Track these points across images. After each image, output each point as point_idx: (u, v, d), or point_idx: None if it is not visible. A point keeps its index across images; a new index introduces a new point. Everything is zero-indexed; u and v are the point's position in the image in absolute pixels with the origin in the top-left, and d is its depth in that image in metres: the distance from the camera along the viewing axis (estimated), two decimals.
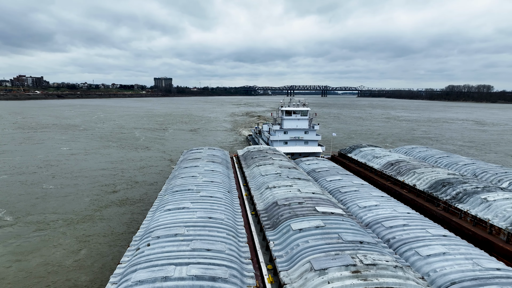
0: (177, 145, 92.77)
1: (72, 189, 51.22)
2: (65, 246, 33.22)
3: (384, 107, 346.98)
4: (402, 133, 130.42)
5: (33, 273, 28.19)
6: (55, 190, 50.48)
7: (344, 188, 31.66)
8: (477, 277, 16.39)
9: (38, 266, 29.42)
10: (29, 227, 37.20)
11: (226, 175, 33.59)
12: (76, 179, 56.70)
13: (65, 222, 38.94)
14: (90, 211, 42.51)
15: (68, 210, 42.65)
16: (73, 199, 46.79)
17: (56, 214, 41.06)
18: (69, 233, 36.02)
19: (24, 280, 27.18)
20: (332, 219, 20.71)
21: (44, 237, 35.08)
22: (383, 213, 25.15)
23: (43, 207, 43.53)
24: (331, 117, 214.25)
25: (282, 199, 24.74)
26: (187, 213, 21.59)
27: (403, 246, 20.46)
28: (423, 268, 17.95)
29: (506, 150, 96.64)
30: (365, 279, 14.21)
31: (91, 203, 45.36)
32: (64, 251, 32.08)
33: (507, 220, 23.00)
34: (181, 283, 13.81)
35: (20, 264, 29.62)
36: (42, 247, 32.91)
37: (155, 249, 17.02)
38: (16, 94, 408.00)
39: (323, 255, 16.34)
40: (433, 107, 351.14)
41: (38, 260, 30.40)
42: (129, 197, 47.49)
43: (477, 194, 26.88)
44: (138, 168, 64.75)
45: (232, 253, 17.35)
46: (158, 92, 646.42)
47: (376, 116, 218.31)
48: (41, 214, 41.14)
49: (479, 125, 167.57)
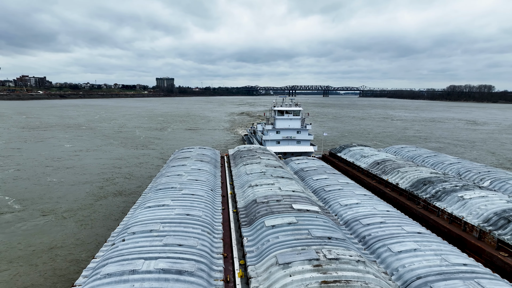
0: (175, 144, 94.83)
1: (74, 181, 54.68)
2: (68, 228, 36.74)
3: (384, 107, 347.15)
4: (395, 132, 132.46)
5: (39, 249, 32.08)
6: (59, 183, 54.03)
7: (329, 187, 32.15)
8: (442, 272, 16.87)
9: (44, 243, 33.13)
10: (35, 213, 40.83)
11: (212, 174, 34.17)
12: (78, 173, 60.15)
13: (68, 209, 42.47)
14: (90, 200, 45.96)
15: (70, 199, 46.14)
16: (75, 190, 50.27)
17: (59, 203, 44.55)
18: (71, 219, 39.51)
19: (32, 253, 31.20)
20: (305, 216, 21.24)
21: (48, 221, 38.76)
22: (362, 211, 25.62)
23: (48, 197, 47.05)
24: (329, 116, 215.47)
25: (261, 197, 25.29)
26: (166, 210, 22.19)
27: (377, 242, 20.94)
28: (393, 264, 18.42)
29: (489, 148, 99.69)
30: (324, 273, 14.74)
31: (91, 193, 48.93)
32: (67, 232, 35.66)
33: (480, 218, 23.47)
34: (147, 276, 14.38)
35: (28, 241, 33.41)
36: (47, 229, 36.51)
37: (128, 244, 17.61)
38: (19, 94, 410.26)
39: (290, 250, 16.88)
40: (433, 107, 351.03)
41: (44, 239, 34.12)
42: (126, 189, 51.05)
43: (455, 192, 27.35)
44: (136, 164, 67.82)
45: (204, 248, 17.92)
46: (160, 92, 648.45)
47: (373, 116, 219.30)
48: (46, 203, 44.60)
49: (472, 124, 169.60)
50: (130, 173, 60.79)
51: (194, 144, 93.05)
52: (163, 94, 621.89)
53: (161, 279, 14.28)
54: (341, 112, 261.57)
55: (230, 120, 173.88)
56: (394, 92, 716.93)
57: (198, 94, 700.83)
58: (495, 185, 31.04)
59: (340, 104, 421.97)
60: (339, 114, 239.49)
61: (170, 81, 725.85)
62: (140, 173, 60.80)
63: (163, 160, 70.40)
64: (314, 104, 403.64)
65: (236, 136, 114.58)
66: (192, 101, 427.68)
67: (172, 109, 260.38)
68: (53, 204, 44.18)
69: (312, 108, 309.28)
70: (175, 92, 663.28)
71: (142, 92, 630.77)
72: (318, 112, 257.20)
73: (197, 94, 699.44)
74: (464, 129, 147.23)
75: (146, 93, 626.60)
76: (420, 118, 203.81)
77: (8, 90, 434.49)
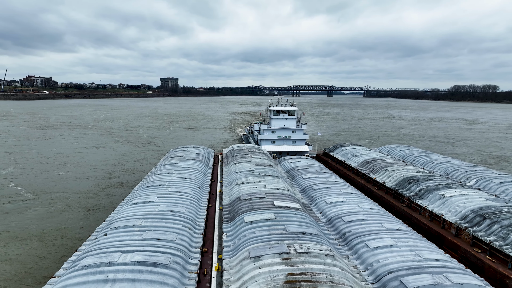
0: (175, 142, 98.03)
1: (80, 175, 59.79)
2: (74, 214, 41.52)
3: (386, 107, 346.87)
4: (390, 132, 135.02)
5: (49, 229, 36.92)
6: (66, 175, 59.23)
7: (317, 185, 32.73)
8: (413, 267, 17.42)
9: (53, 225, 37.90)
10: (45, 201, 45.73)
11: (203, 172, 34.89)
12: (84, 167, 65.44)
13: (75, 198, 47.44)
14: (95, 190, 51.01)
15: (76, 190, 51.03)
16: (81, 182, 55.37)
17: (66, 193, 49.41)
18: (78, 205, 44.41)
19: (43, 232, 36.20)
20: (284, 213, 21.86)
21: (57, 208, 43.39)
22: (346, 209, 26.17)
23: (56, 187, 52.03)
24: (330, 116, 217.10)
25: (245, 194, 25.94)
26: (150, 207, 22.91)
27: (356, 239, 21.52)
28: (369, 259, 18.99)
29: (478, 146, 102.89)
30: (292, 265, 15.38)
31: (95, 185, 53.80)
32: (74, 217, 40.47)
33: (458, 215, 23.95)
34: (122, 268, 15.09)
35: (39, 223, 38.30)
36: (56, 214, 41.28)
37: (109, 239, 18.35)
38: (26, 94, 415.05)
39: (263, 244, 17.52)
40: (435, 107, 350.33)
41: (54, 221, 38.93)
42: (128, 181, 55.76)
43: (437, 190, 27.82)
44: (137, 160, 72.37)
45: (182, 242, 18.61)
46: (164, 92, 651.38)
47: (374, 116, 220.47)
48: (55, 192, 49.65)
49: (469, 124, 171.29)
50: (133, 168, 65.35)
51: (193, 142, 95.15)
52: (167, 94, 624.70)
53: (135, 271, 14.98)
54: (342, 112, 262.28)
55: (231, 120, 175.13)
56: (398, 92, 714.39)
57: (202, 94, 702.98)
58: (480, 183, 31.43)
59: (343, 104, 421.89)
60: (340, 114, 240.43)
61: (175, 81, 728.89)
62: (142, 167, 64.96)
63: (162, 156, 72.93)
64: (317, 104, 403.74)
65: (235, 135, 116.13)
66: (196, 101, 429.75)
67: (175, 109, 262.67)
68: (61, 193, 48.99)
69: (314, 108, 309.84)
70: (179, 92, 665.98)
71: (147, 92, 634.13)
72: (320, 112, 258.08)
73: (201, 94, 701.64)
74: (459, 129, 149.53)
75: (150, 93, 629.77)
76: (419, 118, 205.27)
77: (14, 90, 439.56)
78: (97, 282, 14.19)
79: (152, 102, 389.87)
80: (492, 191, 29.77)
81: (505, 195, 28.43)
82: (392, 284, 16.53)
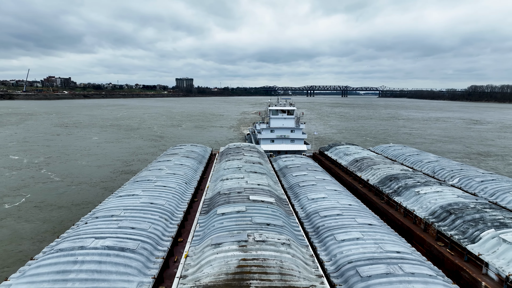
0: (184, 139, 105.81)
1: (99, 163, 70.19)
2: (95, 192, 50.70)
3: (398, 107, 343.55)
4: (390, 131, 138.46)
5: (76, 203, 46.54)
6: (87, 164, 69.92)
7: (304, 183, 33.85)
8: (372, 258, 18.47)
9: (79, 199, 47.74)
10: (71, 183, 55.95)
11: (193, 169, 36.42)
12: (103, 158, 75.78)
13: (96, 181, 57.39)
14: (113, 176, 60.73)
15: (96, 175, 61.05)
16: (100, 169, 65.35)
17: (88, 177, 59.54)
18: (97, 187, 54.21)
19: (71, 205, 46.03)
20: (256, 206, 23.11)
21: (81, 188, 53.42)
22: (325, 205, 27.23)
23: (79, 173, 62.58)
24: (337, 115, 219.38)
25: (225, 189, 27.29)
26: (133, 199, 24.52)
27: (327, 232, 22.64)
28: (334, 251, 20.13)
29: (468, 143, 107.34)
30: (246, 252, 16.65)
31: (112, 171, 63.97)
32: (95, 194, 49.72)
33: (428, 211, 24.70)
34: (92, 251, 16.65)
35: (68, 199, 48.27)
36: (81, 192, 51.18)
37: (88, 226, 20.00)
38: (46, 94, 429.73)
39: (226, 234, 18.84)
40: (448, 107, 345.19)
41: (79, 197, 48.63)
42: (140, 169, 59.51)
43: (414, 188, 28.54)
44: (150, 153, 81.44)
45: (154, 231, 20.09)
46: (179, 92, 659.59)
47: (382, 115, 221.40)
48: (78, 177, 59.87)
49: (473, 124, 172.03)
50: (145, 158, 73.69)
51: (199, 140, 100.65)
52: (182, 94, 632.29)
53: (103, 254, 16.51)
54: (351, 111, 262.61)
55: (240, 119, 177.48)
56: (414, 93, 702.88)
57: (216, 94, 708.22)
58: (462, 182, 31.91)
59: (355, 104, 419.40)
60: (349, 113, 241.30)
61: (189, 82, 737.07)
62: (153, 158, 71.94)
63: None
64: (329, 104, 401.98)
65: (241, 134, 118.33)
66: (210, 101, 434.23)
67: (188, 109, 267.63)
68: (83, 177, 59.29)
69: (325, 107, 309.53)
70: (194, 92, 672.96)
71: (162, 92, 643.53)
72: (329, 111, 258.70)
73: (216, 94, 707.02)
74: (459, 128, 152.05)
75: (165, 93, 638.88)
76: (425, 118, 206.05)
77: (36, 90, 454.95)
78: (67, 263, 15.78)
79: (167, 102, 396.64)
80: (473, 189, 30.26)
81: (484, 193, 28.92)
82: (349, 273, 17.63)
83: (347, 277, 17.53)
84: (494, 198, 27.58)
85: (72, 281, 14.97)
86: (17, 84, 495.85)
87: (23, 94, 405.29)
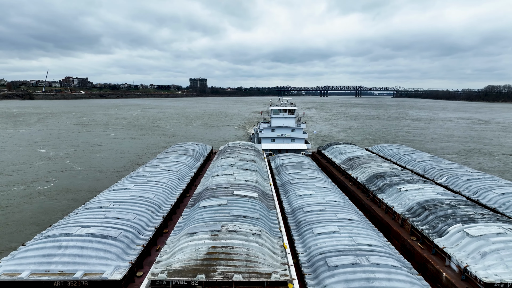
0: (194, 136, 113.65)
1: (116, 156, 79.43)
2: (112, 179, 54.97)
3: (410, 107, 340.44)
4: (391, 130, 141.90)
5: (96, 186, 52.22)
6: (105, 156, 79.07)
7: (295, 180, 34.92)
8: (343, 250, 19.51)
9: (97, 185, 52.94)
10: (91, 171, 64.95)
11: (189, 166, 37.88)
12: (119, 151, 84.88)
13: (113, 170, 65.28)
14: (127, 166, 68.29)
15: (113, 166, 69.34)
16: (117, 161, 73.76)
17: (106, 167, 67.91)
18: (115, 174, 60.82)
19: (91, 188, 52.00)
20: (238, 200, 24.32)
21: (100, 176, 61.29)
22: (310, 201, 28.26)
23: (98, 163, 71.26)
24: (345, 115, 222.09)
25: (213, 185, 28.60)
26: (124, 193, 26.06)
27: (306, 226, 23.73)
28: (309, 243, 21.22)
29: (463, 141, 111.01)
30: (216, 240, 17.90)
31: (128, 162, 71.85)
32: (111, 180, 51.20)
33: (405, 207, 25.48)
34: (76, 238, 18.15)
35: (89, 183, 55.76)
36: (98, 180, 57.94)
37: (78, 216, 21.58)
38: (64, 94, 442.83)
39: (202, 224, 20.12)
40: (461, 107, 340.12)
41: (97, 184, 53.96)
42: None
43: (397, 185, 29.28)
44: (162, 147, 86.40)
45: (139, 222, 21.53)
46: (193, 92, 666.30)
47: (390, 115, 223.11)
48: (97, 166, 68.79)
49: (478, 123, 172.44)
50: (158, 152, 76.24)
51: (206, 138, 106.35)
52: (195, 94, 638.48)
53: (86, 240, 18.00)
54: (360, 111, 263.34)
55: (249, 119, 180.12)
56: (429, 93, 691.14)
57: (229, 94, 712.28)
58: (450, 180, 32.42)
59: (367, 104, 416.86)
60: (357, 113, 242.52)
61: (203, 82, 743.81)
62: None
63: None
64: (341, 104, 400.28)
65: (248, 133, 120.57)
66: (222, 101, 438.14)
67: (201, 109, 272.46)
68: (102, 167, 67.76)
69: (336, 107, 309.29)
70: (207, 93, 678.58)
71: (176, 92, 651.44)
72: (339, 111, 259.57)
73: (229, 94, 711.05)
74: (462, 128, 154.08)
75: (179, 93, 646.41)
76: (432, 118, 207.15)
77: (54, 91, 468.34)
78: (52, 247, 17.34)
79: (181, 102, 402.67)
80: (458, 187, 30.77)
81: (468, 191, 29.44)
82: (318, 263, 18.72)
83: (316, 267, 18.60)
84: (476, 196, 28.08)
85: (55, 263, 16.50)
86: (36, 84, 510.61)
87: (42, 94, 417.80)
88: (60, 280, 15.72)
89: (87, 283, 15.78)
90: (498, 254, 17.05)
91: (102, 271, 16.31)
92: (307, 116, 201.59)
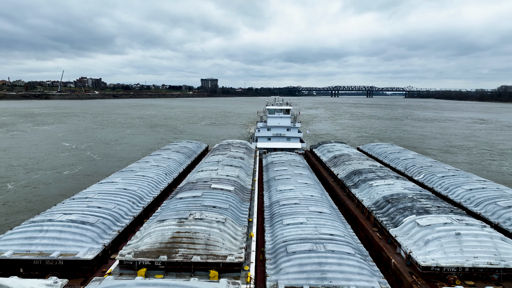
0: (200, 133, 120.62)
1: (129, 149, 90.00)
2: (126, 165, 58.50)
3: (418, 107, 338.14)
4: (389, 129, 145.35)
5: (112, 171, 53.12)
6: (120, 149, 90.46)
7: (280, 176, 36.47)
8: (304, 238, 21.05)
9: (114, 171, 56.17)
10: (109, 161, 74.65)
11: (180, 162, 39.82)
12: (133, 145, 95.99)
13: (127, 160, 69.24)
14: (138, 156, 71.44)
15: (127, 156, 77.98)
16: (130, 152, 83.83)
17: (121, 157, 77.43)
18: (130, 163, 64.38)
19: (109, 173, 54.77)
20: (212, 192, 26.05)
21: (116, 164, 67.85)
22: (288, 195, 29.75)
23: (114, 154, 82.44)
24: (349, 115, 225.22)
25: (195, 179, 30.41)
26: (110, 185, 28.07)
27: (278, 218, 25.29)
28: (277, 233, 22.79)
29: (452, 139, 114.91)
30: (181, 226, 19.66)
31: (140, 154, 77.01)
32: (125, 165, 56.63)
33: (372, 201, 26.84)
34: (57, 223, 20.13)
35: (106, 170, 60.00)
36: (115, 167, 61.08)
37: (64, 206, 23.63)
38: (78, 94, 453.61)
39: (173, 213, 21.90)
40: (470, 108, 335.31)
41: (114, 170, 53.99)
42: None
43: (371, 181, 30.57)
44: (168, 142, 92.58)
45: (118, 211, 23.46)
46: (204, 92, 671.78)
47: (395, 115, 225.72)
48: (114, 156, 79.36)
49: (478, 123, 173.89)
50: (164, 146, 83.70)
51: (209, 137, 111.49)
52: (206, 95, 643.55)
53: (66, 226, 19.97)
54: (366, 111, 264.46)
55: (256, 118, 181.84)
56: (442, 93, 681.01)
57: (240, 95, 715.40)
58: (426, 177, 33.57)
59: (376, 104, 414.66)
60: (363, 113, 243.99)
61: (214, 82, 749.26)
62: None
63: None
64: (351, 104, 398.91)
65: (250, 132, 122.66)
66: (233, 101, 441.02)
67: (211, 108, 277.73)
68: (118, 157, 77.65)
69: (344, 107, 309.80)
70: (218, 93, 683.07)
71: (187, 93, 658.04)
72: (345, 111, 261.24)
73: (240, 95, 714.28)
74: (459, 127, 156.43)
75: (191, 93, 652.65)
76: (435, 118, 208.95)
77: (69, 91, 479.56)
78: (34, 231, 19.36)
79: (192, 102, 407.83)
80: (432, 183, 31.92)
81: (440, 187, 30.58)
82: (280, 250, 20.32)
83: (277, 254, 20.17)
84: (446, 191, 29.23)
85: (35, 245, 18.53)
86: (52, 84, 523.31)
87: (57, 94, 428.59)
88: (39, 259, 17.71)
89: (62, 262, 17.74)
90: (439, 241, 18.37)
91: (76, 252, 18.25)
92: (311, 115, 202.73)
